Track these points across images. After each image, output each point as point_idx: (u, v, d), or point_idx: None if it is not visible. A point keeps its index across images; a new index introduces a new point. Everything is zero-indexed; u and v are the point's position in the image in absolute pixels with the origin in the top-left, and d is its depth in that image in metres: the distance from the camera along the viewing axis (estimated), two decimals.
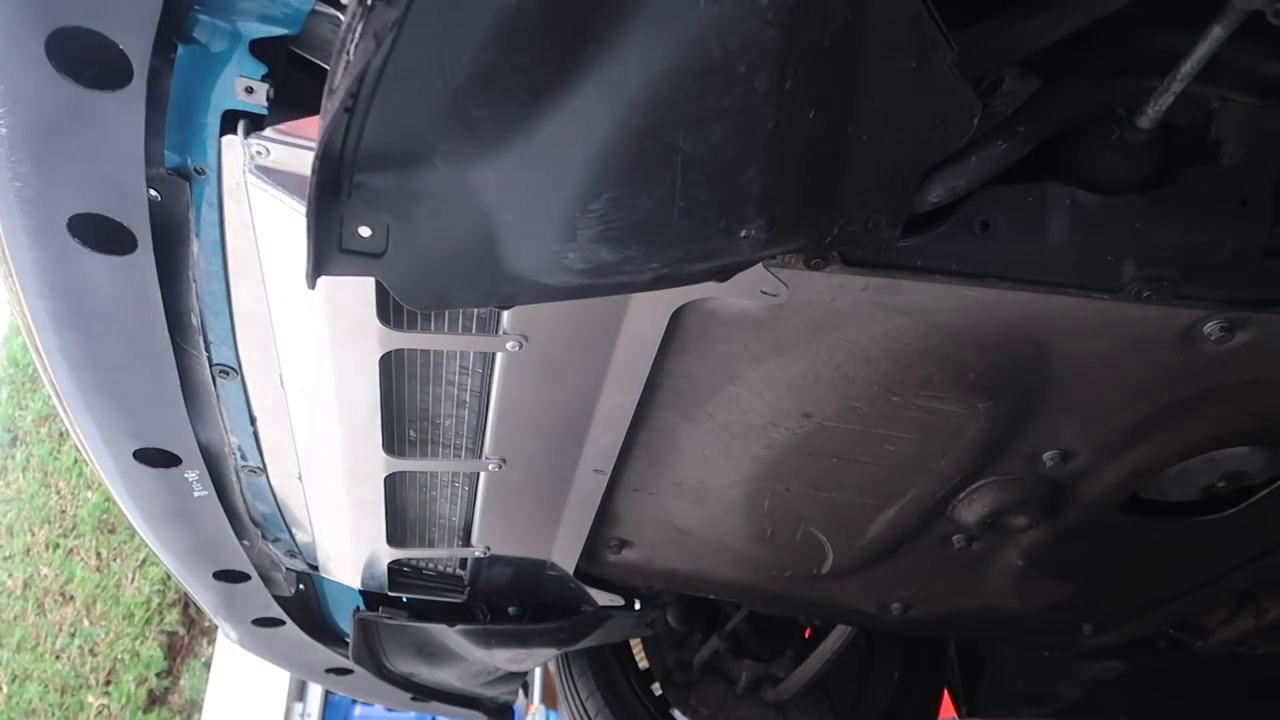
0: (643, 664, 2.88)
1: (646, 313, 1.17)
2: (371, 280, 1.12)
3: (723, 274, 0.99)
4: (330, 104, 0.78)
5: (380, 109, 0.77)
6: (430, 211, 0.85)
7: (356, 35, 0.75)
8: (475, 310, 1.21)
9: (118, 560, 7.50)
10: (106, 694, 7.28)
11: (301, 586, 2.16)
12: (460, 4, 0.73)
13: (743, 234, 0.88)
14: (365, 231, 0.85)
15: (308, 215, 0.81)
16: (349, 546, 1.78)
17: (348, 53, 0.77)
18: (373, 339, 1.21)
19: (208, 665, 7.48)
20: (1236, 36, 0.93)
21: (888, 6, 0.82)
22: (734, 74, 0.78)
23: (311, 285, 0.87)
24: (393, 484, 1.57)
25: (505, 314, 1.18)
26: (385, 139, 0.80)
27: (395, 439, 1.45)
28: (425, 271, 0.89)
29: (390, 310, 1.19)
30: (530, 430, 1.41)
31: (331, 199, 0.82)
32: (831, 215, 0.94)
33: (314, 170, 0.79)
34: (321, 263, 0.85)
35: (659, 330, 1.19)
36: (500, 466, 1.49)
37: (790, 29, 0.77)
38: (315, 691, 7.32)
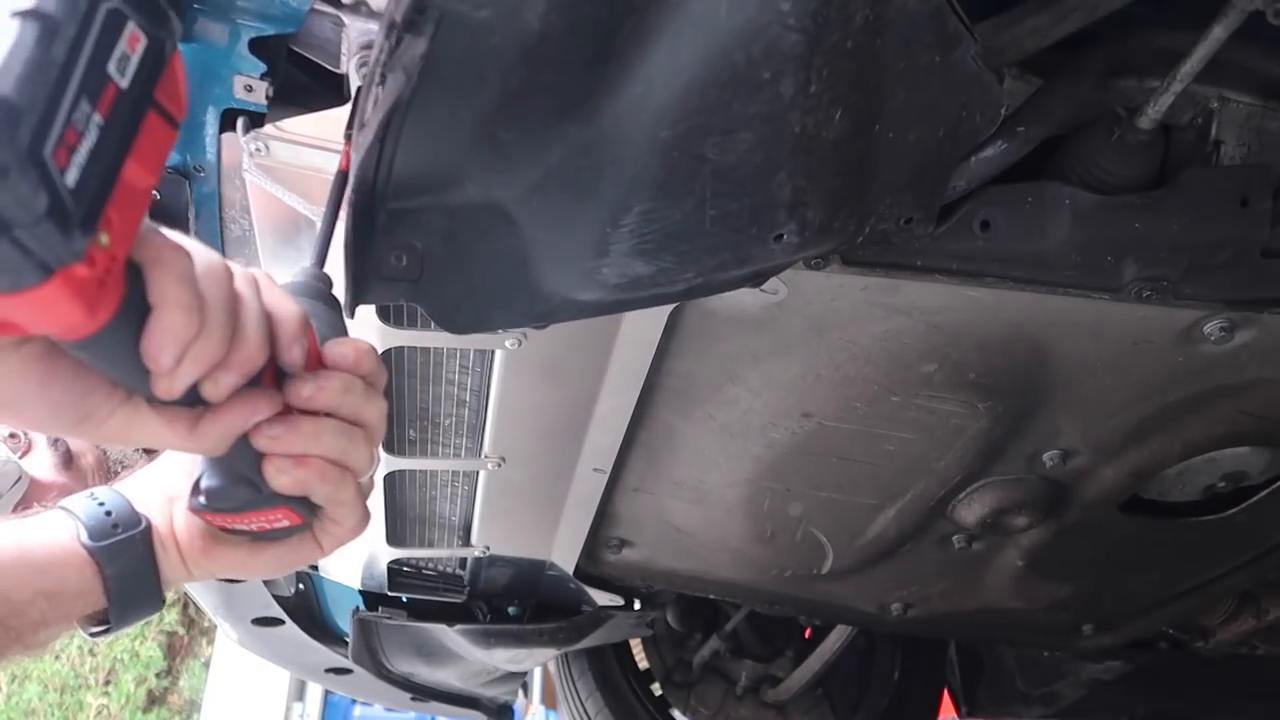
0: (643, 664, 2.88)
1: (645, 311, 1.17)
2: None
3: (757, 279, 0.98)
4: (363, 138, 0.78)
5: (410, 138, 0.78)
6: (463, 235, 0.85)
7: (384, 69, 0.75)
8: None
9: None
10: (106, 694, 7.28)
11: (301, 586, 2.16)
12: (485, 31, 0.73)
13: (776, 238, 0.88)
14: (401, 259, 0.85)
15: (345, 248, 0.82)
16: (348, 546, 1.78)
17: (378, 86, 0.77)
18: (373, 337, 1.21)
19: (207, 665, 7.49)
20: (1236, 36, 0.93)
21: (908, 3, 0.81)
22: (759, 81, 0.78)
23: (351, 315, 0.87)
24: (392, 483, 1.57)
25: None
26: (416, 167, 0.80)
27: (395, 438, 1.45)
28: (461, 294, 0.89)
29: (390, 308, 1.19)
30: (530, 428, 1.41)
31: (367, 229, 0.83)
32: (863, 215, 0.94)
33: (350, 203, 0.79)
34: (361, 293, 0.85)
35: (658, 328, 1.19)
36: (500, 465, 1.49)
37: (812, 33, 0.77)
38: (315, 691, 7.33)
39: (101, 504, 0.80)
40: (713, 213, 0.84)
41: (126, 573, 0.79)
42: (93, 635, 0.83)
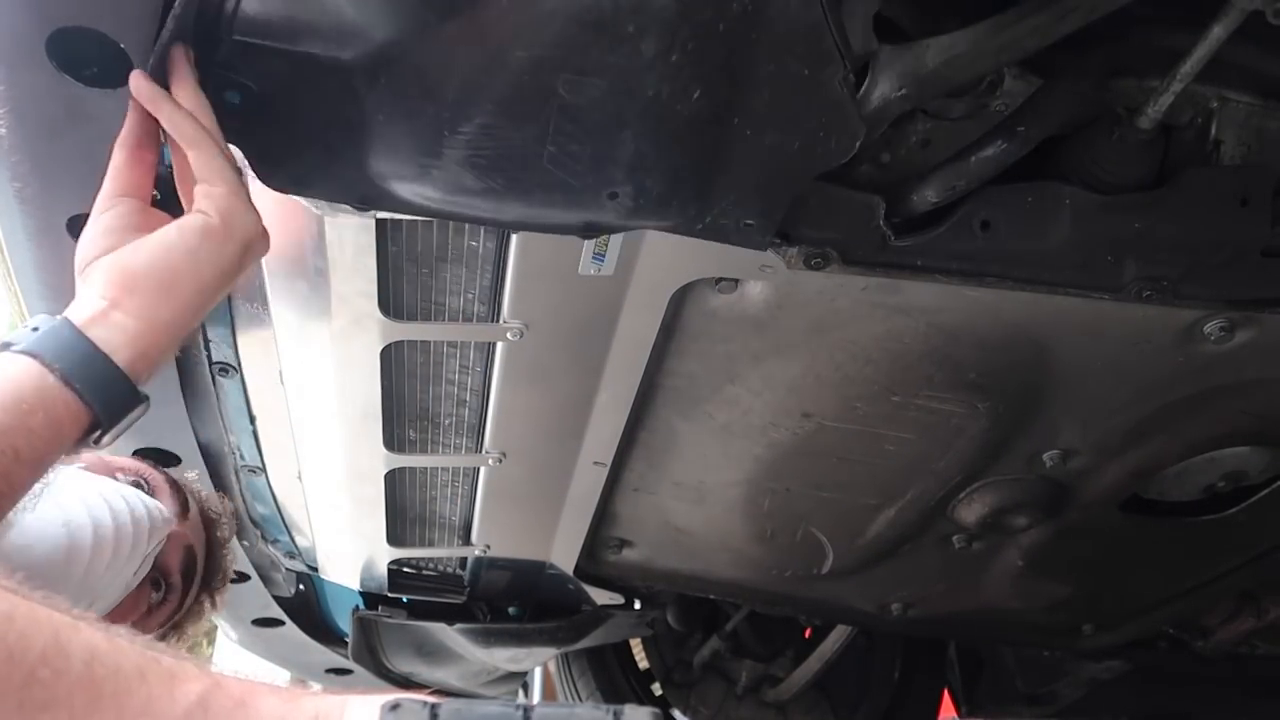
0: (643, 664, 2.88)
1: (645, 298, 1.17)
2: (373, 271, 1.13)
3: (587, 231, 1.00)
4: None
5: None
6: (303, 89, 0.85)
7: None
8: (475, 303, 1.21)
9: None
10: None
11: (301, 587, 2.16)
12: None
13: (609, 194, 0.89)
14: (234, 97, 0.85)
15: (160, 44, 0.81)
16: (349, 546, 1.78)
17: None
18: (374, 331, 1.21)
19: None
20: (1236, 36, 0.93)
21: (789, 6, 0.82)
22: (622, 32, 0.78)
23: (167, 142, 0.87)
24: (393, 481, 1.57)
25: (505, 302, 1.18)
26: (268, 5, 0.80)
27: (395, 438, 1.45)
28: (288, 150, 0.89)
29: (391, 301, 1.19)
30: (530, 422, 1.41)
31: (207, 56, 0.83)
32: (705, 203, 0.95)
33: (177, 16, 0.79)
34: None
35: (658, 316, 1.19)
36: (500, 460, 1.48)
37: (684, 2, 0.78)
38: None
39: (25, 323, 0.82)
40: (552, 149, 0.85)
41: (67, 356, 0.79)
42: (95, 444, 0.83)
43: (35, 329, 0.81)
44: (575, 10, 0.78)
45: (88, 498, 1.13)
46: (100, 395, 0.80)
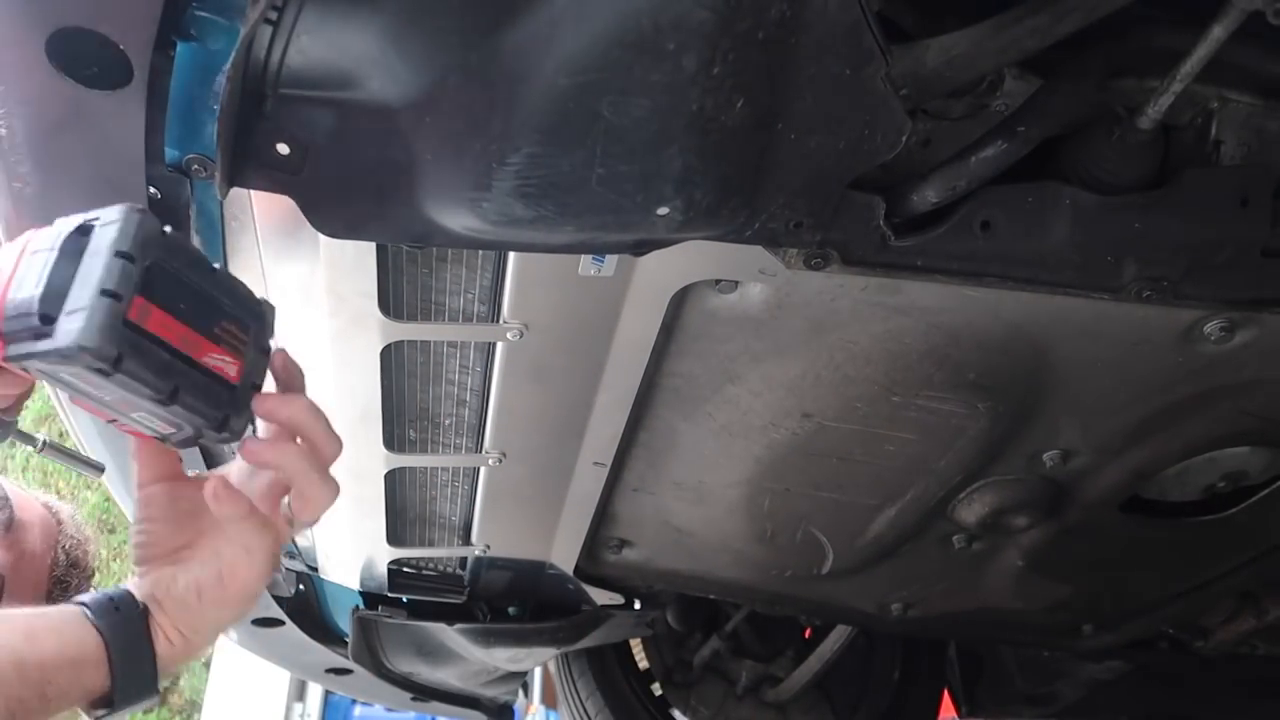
0: (643, 664, 2.88)
1: (645, 299, 1.17)
2: (373, 271, 1.13)
3: (638, 249, 1.00)
4: (253, 13, 0.78)
5: (307, 25, 0.78)
6: (351, 137, 0.86)
7: None
8: (475, 303, 1.21)
9: (118, 560, 7.48)
10: None
11: (301, 587, 2.16)
12: None
13: (660, 212, 0.89)
14: (284, 149, 0.86)
15: (222, 121, 0.81)
16: (349, 546, 1.78)
17: None
18: (374, 330, 1.21)
19: (207, 665, 7.47)
20: (1236, 36, 0.93)
21: (828, 9, 0.82)
22: (663, 50, 0.79)
23: (224, 194, 0.88)
24: (393, 482, 1.57)
25: (505, 302, 1.18)
26: (311, 57, 0.80)
27: (395, 437, 1.45)
28: (340, 199, 0.89)
29: (391, 301, 1.19)
30: (530, 422, 1.41)
31: (253, 109, 0.83)
32: (753, 209, 0.95)
33: (230, 77, 0.79)
34: (235, 174, 0.86)
35: (658, 316, 1.19)
36: (500, 460, 1.49)
37: (723, 14, 0.78)
38: (315, 691, 7.32)
39: (105, 592, 0.90)
40: (600, 171, 0.85)
41: (128, 648, 0.87)
42: (97, 718, 0.89)
43: (112, 598, 0.89)
44: (615, 33, 0.78)
45: None
46: (129, 691, 0.88)
